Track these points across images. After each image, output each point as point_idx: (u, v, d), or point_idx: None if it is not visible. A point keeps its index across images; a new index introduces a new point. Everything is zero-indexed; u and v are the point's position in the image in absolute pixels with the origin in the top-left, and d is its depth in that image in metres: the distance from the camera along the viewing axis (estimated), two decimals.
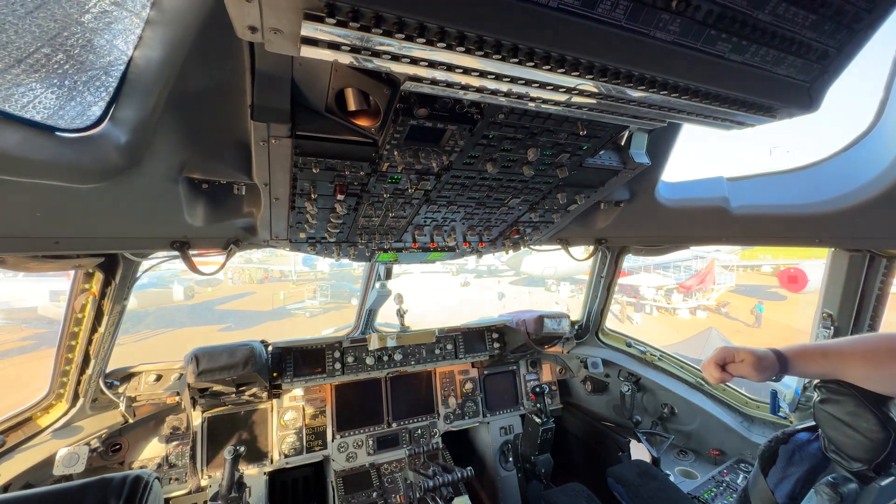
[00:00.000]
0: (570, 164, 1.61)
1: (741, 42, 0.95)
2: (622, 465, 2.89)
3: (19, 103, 1.05)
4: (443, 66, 0.87)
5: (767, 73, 1.05)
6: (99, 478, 1.02)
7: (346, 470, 2.97)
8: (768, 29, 0.93)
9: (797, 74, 1.09)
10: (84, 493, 0.98)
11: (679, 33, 0.89)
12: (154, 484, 1.08)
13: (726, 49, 0.96)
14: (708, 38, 0.92)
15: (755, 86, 1.06)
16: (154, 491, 1.06)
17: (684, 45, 0.92)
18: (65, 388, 2.28)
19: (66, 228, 1.37)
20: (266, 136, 1.19)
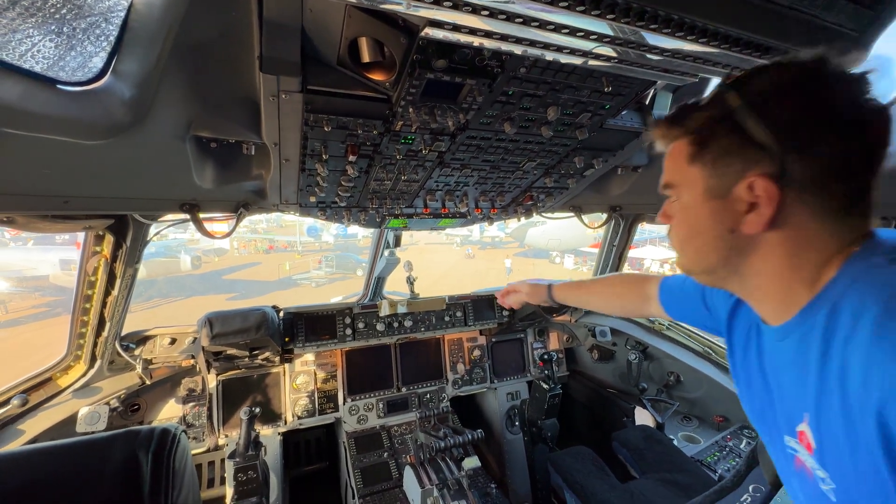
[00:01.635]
0: (590, 125, 1.54)
1: None
2: (627, 430, 2.95)
3: (17, 52, 0.99)
4: (468, 6, 0.81)
5: (815, 19, 0.98)
6: (126, 430, 1.04)
7: (358, 431, 3.06)
8: None
9: (847, 22, 1.01)
10: (112, 444, 0.99)
11: None
12: (182, 437, 1.10)
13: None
14: None
15: (801, 34, 0.99)
16: (182, 444, 1.08)
17: None
18: (82, 350, 2.32)
19: (74, 187, 1.34)
20: (276, 90, 1.14)
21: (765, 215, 0.72)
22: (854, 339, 0.64)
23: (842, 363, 0.66)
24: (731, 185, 0.75)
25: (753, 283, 0.83)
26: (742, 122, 0.72)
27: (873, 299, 0.63)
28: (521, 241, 36.65)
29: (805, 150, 0.70)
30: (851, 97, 0.69)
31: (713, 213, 0.80)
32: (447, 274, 26.36)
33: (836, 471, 0.71)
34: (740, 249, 0.80)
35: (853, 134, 0.69)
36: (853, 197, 0.72)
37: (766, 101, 0.72)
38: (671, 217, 0.91)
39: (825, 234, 0.73)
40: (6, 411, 2.01)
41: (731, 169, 0.75)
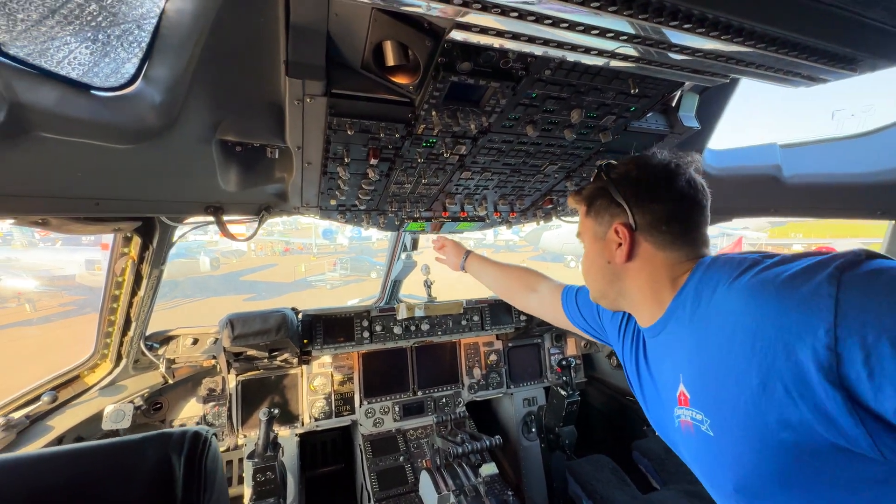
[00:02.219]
0: (614, 128, 1.51)
1: None
2: (647, 439, 2.88)
3: (55, 58, 1.02)
4: (497, 8, 0.79)
5: (857, 16, 0.93)
6: (158, 432, 1.06)
7: (374, 434, 3.06)
8: None
9: (889, 20, 0.96)
10: (145, 447, 1.01)
11: None
12: (213, 440, 1.12)
13: None
14: None
15: (842, 33, 0.94)
16: (213, 447, 1.09)
17: None
18: (108, 349, 2.38)
19: (105, 190, 1.37)
20: (301, 94, 1.14)
21: (624, 250, 1.06)
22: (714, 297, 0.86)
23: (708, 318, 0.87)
24: (606, 230, 1.11)
25: (634, 298, 1.11)
26: (609, 191, 1.10)
27: (721, 273, 0.88)
28: (536, 245, 36.33)
29: (643, 207, 1.04)
30: (668, 176, 1.06)
31: (597, 251, 1.15)
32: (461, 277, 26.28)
33: (709, 404, 0.87)
34: (618, 275, 1.11)
35: (670, 198, 1.04)
36: (683, 234, 1.02)
37: (620, 179, 1.10)
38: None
39: (669, 259, 1.03)
40: (37, 407, 2.07)
41: (605, 219, 1.12)
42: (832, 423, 0.67)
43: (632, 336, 1.26)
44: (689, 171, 1.08)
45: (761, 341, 0.73)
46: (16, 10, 0.87)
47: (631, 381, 1.26)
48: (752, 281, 0.79)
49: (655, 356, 1.12)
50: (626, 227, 1.05)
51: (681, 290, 0.99)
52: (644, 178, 1.08)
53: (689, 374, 0.93)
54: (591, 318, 1.53)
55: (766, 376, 0.73)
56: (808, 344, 0.67)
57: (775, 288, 0.74)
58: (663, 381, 1.07)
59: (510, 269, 2.05)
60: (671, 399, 1.01)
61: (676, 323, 0.98)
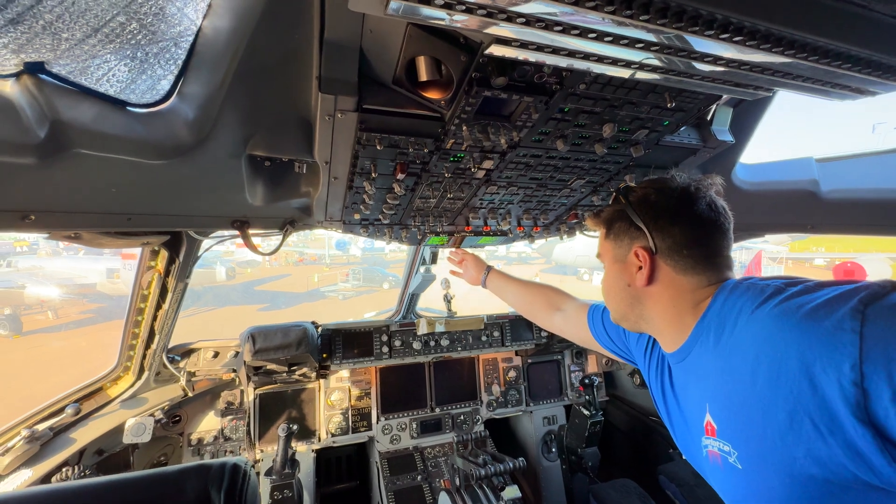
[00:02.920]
0: (646, 142, 1.48)
1: None
2: (675, 464, 2.76)
3: (94, 76, 1.04)
4: (541, 23, 0.77)
5: None
6: (197, 464, 1.03)
7: (391, 452, 3.01)
8: None
9: None
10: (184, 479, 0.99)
11: None
12: (251, 473, 1.09)
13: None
14: None
15: None
16: (252, 481, 1.06)
17: None
18: (131, 362, 2.39)
19: (137, 205, 1.38)
20: (332, 109, 1.14)
21: (645, 273, 1.05)
22: (737, 326, 0.85)
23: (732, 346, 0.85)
24: (626, 253, 1.10)
25: (655, 322, 1.09)
26: (628, 214, 1.09)
27: (744, 300, 0.86)
28: (549, 258, 36.04)
29: (662, 231, 1.03)
30: (687, 199, 1.05)
31: (617, 273, 1.14)
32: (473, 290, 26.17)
33: (736, 436, 0.85)
34: (638, 299, 1.10)
35: (691, 221, 1.03)
36: (705, 258, 1.01)
37: (639, 202, 1.09)
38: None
39: (691, 283, 1.01)
40: (60, 419, 2.08)
41: (625, 242, 1.11)
42: (863, 461, 0.65)
43: (657, 360, 1.24)
44: (709, 193, 1.07)
45: (786, 374, 0.72)
46: (61, 29, 0.88)
47: (657, 404, 1.24)
48: (774, 311, 0.78)
49: (681, 382, 1.10)
50: (646, 251, 1.05)
51: (703, 315, 0.97)
52: (663, 202, 1.07)
53: (716, 405, 0.91)
54: (617, 338, 1.50)
55: (792, 410, 0.71)
56: (834, 379, 0.65)
57: (798, 319, 0.72)
58: (689, 408, 1.05)
59: (533, 287, 2.02)
60: (698, 427, 0.99)
61: (701, 350, 0.96)
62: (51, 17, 0.86)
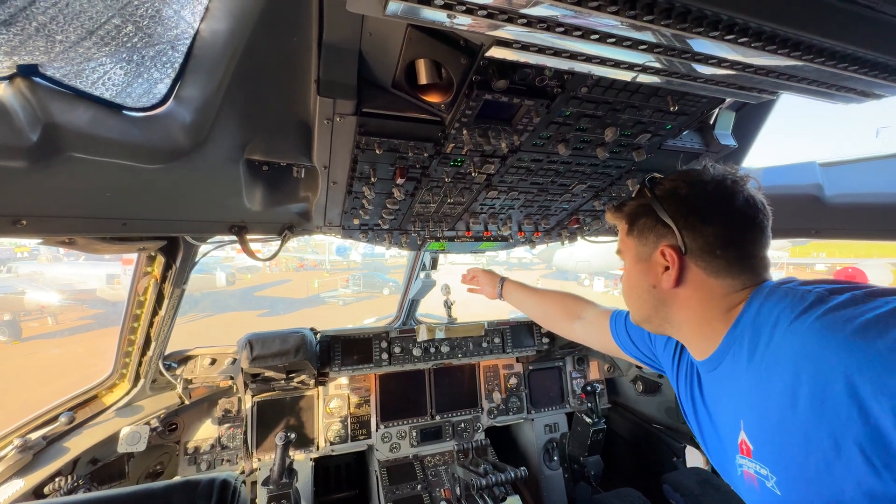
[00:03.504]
0: (648, 146, 1.46)
1: None
2: (679, 472, 2.72)
3: (89, 79, 1.02)
4: (542, 24, 0.76)
5: None
6: (184, 480, 1.00)
7: (390, 460, 2.96)
8: None
9: None
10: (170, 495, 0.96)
11: None
12: (241, 488, 1.06)
13: None
14: None
15: None
16: (242, 497, 1.03)
17: None
18: (127, 369, 2.36)
19: (133, 210, 1.37)
20: (331, 113, 1.12)
21: (672, 275, 0.96)
22: (774, 338, 0.78)
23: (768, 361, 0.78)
24: (651, 252, 1.02)
25: (682, 328, 1.02)
26: (654, 209, 1.00)
27: (781, 308, 0.79)
28: (549, 263, 36.01)
29: (694, 229, 0.94)
30: (724, 194, 0.95)
31: (641, 273, 1.06)
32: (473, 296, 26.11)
33: (774, 459, 0.79)
34: (663, 301, 1.02)
35: (727, 219, 0.93)
36: (739, 259, 0.92)
37: (667, 196, 1.00)
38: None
39: (723, 287, 0.93)
40: (54, 428, 2.05)
41: (650, 240, 1.02)
42: None
43: (686, 366, 1.16)
44: (746, 187, 0.97)
45: (831, 398, 0.65)
46: (55, 31, 0.87)
47: (686, 413, 1.17)
48: (817, 324, 0.70)
49: (712, 392, 1.02)
50: (674, 250, 0.96)
51: (736, 322, 0.89)
52: (695, 197, 0.97)
53: (751, 423, 0.85)
54: (642, 344, 1.41)
55: (839, 438, 0.65)
56: (888, 408, 0.59)
57: (846, 337, 0.65)
58: (722, 421, 0.98)
59: (551, 296, 1.94)
60: (732, 444, 0.92)
61: (733, 361, 0.89)
62: (44, 19, 0.84)
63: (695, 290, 0.96)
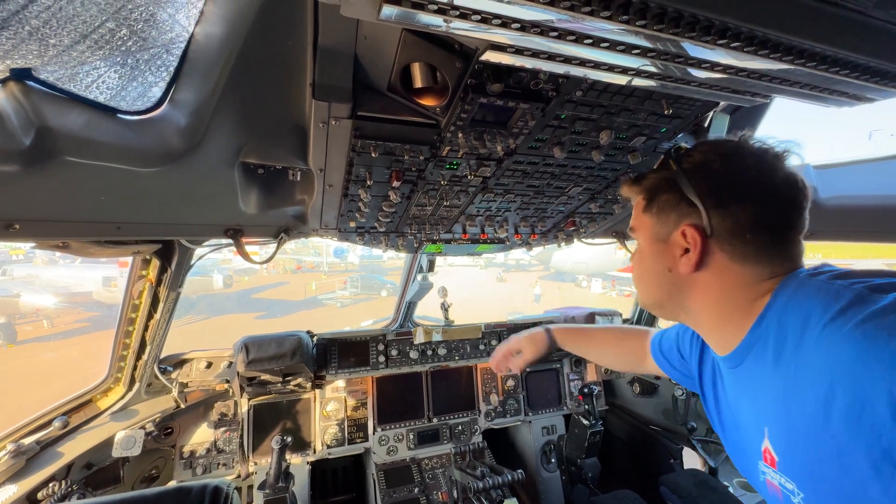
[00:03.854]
0: (643, 149, 1.47)
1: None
2: (676, 474, 2.72)
3: (84, 83, 1.02)
4: (536, 29, 0.76)
5: None
6: (176, 486, 1.00)
7: (388, 463, 2.95)
8: None
9: None
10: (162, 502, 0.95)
11: None
12: (234, 495, 1.05)
13: (869, 3, 0.80)
14: None
15: None
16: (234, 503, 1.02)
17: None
18: (122, 373, 2.35)
19: (127, 213, 1.36)
20: (326, 116, 1.13)
21: (692, 258, 0.87)
22: (804, 342, 0.70)
23: (796, 367, 0.71)
24: (670, 231, 0.91)
25: (700, 318, 0.94)
26: (679, 184, 0.89)
27: (812, 305, 0.71)
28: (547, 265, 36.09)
29: (723, 208, 0.84)
30: (764, 171, 0.85)
31: (656, 255, 0.96)
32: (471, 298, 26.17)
33: (801, 475, 0.74)
34: (680, 287, 0.92)
35: (764, 199, 0.83)
36: (770, 245, 0.83)
37: (696, 170, 0.88)
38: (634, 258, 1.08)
39: (748, 275, 0.84)
40: (48, 433, 2.03)
41: (671, 219, 0.92)
42: None
43: (711, 363, 1.10)
44: (786, 163, 0.87)
45: (871, 415, 0.59)
46: (48, 35, 0.87)
47: (709, 410, 1.10)
48: (856, 333, 0.62)
49: (734, 391, 0.95)
50: (697, 232, 0.85)
51: (760, 317, 0.81)
52: (730, 173, 0.86)
53: (776, 433, 0.78)
54: (676, 361, 1.32)
55: (878, 460, 0.60)
56: None
57: (893, 352, 0.58)
58: (745, 422, 0.92)
59: (612, 340, 1.71)
60: (755, 449, 0.86)
61: (756, 361, 0.82)
62: (37, 23, 0.84)
63: (717, 276, 0.86)
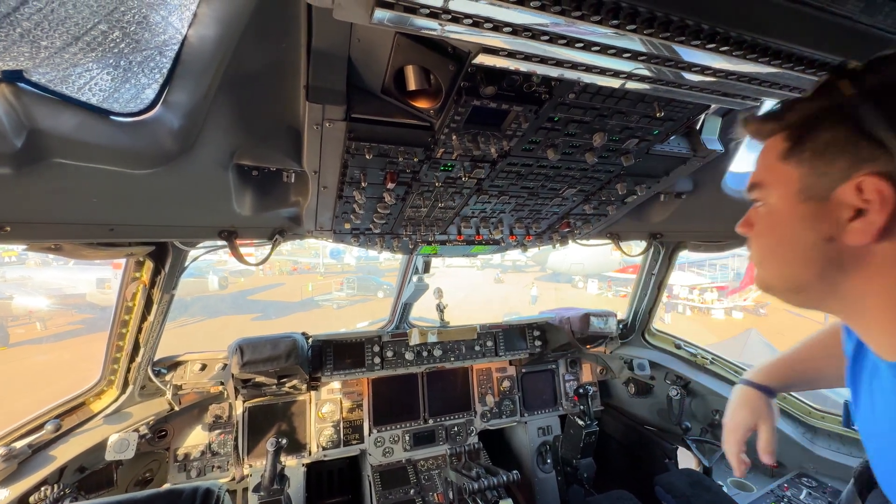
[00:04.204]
0: (636, 151, 1.48)
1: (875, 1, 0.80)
2: (671, 474, 2.73)
3: (76, 85, 1.02)
4: (528, 32, 0.77)
5: None
6: (168, 489, 0.99)
7: (383, 465, 2.95)
8: None
9: None
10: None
11: None
12: (225, 497, 1.05)
13: (856, 9, 0.81)
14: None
15: None
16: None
17: (810, 3, 0.77)
18: (115, 375, 2.33)
19: (120, 215, 1.36)
20: (320, 118, 1.13)
21: (875, 223, 0.61)
22: None
23: None
24: (834, 185, 0.65)
25: (858, 306, 0.70)
26: (855, 113, 0.62)
27: None
28: (543, 266, 36.16)
29: None
30: None
31: (807, 219, 0.69)
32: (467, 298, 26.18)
33: None
34: (840, 264, 0.68)
35: None
36: None
37: (888, 92, 0.61)
38: (753, 224, 0.81)
39: None
40: (40, 437, 2.01)
41: (835, 167, 0.64)
42: None
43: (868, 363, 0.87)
44: None
45: None
46: (40, 37, 0.87)
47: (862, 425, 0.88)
48: None
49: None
50: (886, 182, 0.60)
51: None
52: None
53: None
54: None
55: None
56: None
57: None
58: None
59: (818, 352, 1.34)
60: None
61: None
62: (29, 25, 0.84)
63: None
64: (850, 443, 2.58)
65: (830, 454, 2.58)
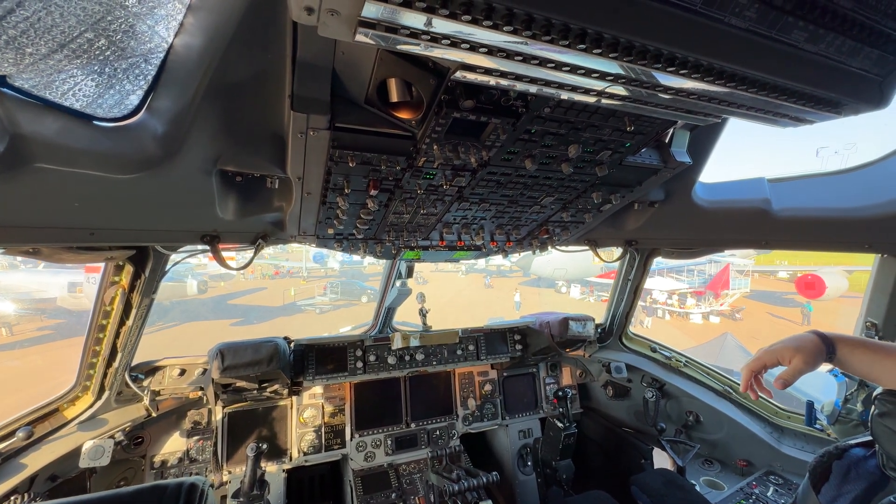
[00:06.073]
0: (610, 162, 1.56)
1: (818, 31, 0.88)
2: (646, 473, 2.81)
3: (60, 90, 1.03)
4: (503, 52, 0.82)
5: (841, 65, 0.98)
6: (152, 485, 1.00)
7: (365, 470, 2.95)
8: (848, 16, 0.86)
9: (871, 68, 1.01)
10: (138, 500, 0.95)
11: (755, 20, 0.82)
12: (209, 492, 1.05)
13: (801, 38, 0.89)
14: (784, 26, 0.85)
15: (826, 79, 0.99)
16: (210, 501, 1.03)
17: (759, 32, 0.85)
18: (91, 381, 2.28)
19: (101, 219, 1.35)
20: (305, 127, 1.16)
21: None
22: None
23: None
24: None
25: None
26: None
27: None
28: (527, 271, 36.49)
29: None
30: None
31: None
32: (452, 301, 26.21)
33: None
34: None
35: None
36: None
37: None
38: None
39: None
40: (9, 444, 1.96)
41: None
42: None
43: None
44: None
45: None
46: (25, 44, 0.88)
47: None
48: None
49: None
50: None
51: None
52: None
53: None
54: None
55: None
56: None
57: None
58: None
59: None
60: None
61: None
62: (14, 33, 0.85)
63: None
64: (815, 441, 2.70)
65: (796, 452, 2.70)
